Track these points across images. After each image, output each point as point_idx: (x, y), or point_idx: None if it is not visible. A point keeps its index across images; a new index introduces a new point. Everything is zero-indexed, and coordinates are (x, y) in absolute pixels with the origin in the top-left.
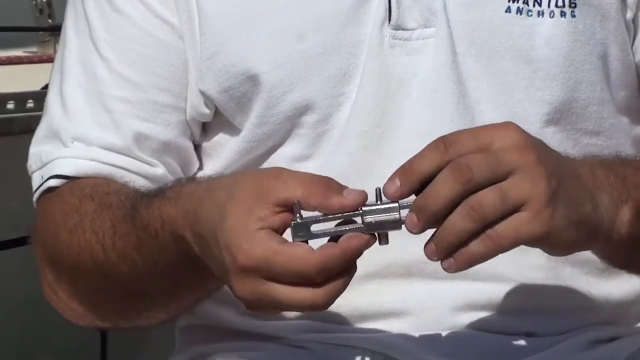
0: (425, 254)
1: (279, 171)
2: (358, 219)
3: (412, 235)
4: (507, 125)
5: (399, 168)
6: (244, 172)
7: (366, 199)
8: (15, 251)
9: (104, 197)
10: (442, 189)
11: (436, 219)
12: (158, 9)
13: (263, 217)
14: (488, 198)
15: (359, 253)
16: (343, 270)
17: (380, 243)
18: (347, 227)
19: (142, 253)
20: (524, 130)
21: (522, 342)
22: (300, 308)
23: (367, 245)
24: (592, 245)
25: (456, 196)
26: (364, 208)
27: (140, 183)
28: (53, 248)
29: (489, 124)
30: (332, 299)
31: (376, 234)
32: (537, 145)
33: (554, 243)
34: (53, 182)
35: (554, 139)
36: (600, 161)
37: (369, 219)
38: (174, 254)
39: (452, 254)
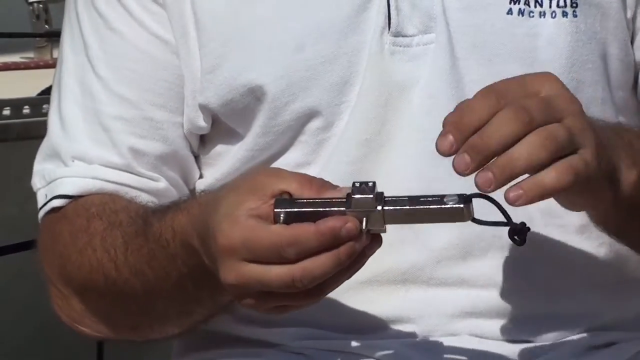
0: (478, 184)
1: (277, 169)
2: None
3: (408, 241)
4: (549, 75)
5: (448, 123)
6: (246, 171)
7: None
8: (14, 257)
9: (112, 215)
10: (503, 128)
11: (489, 160)
12: (151, 25)
13: (254, 208)
14: (560, 133)
15: (334, 234)
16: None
17: (367, 237)
18: (331, 209)
19: (153, 266)
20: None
21: (519, 349)
22: (279, 285)
23: (347, 229)
24: (604, 202)
25: (517, 136)
26: (352, 196)
27: (144, 198)
28: (62, 268)
29: (530, 73)
30: (309, 276)
31: (364, 224)
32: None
33: (589, 191)
34: (57, 203)
35: None
36: (610, 125)
37: (354, 204)
38: (185, 266)
39: (504, 184)
